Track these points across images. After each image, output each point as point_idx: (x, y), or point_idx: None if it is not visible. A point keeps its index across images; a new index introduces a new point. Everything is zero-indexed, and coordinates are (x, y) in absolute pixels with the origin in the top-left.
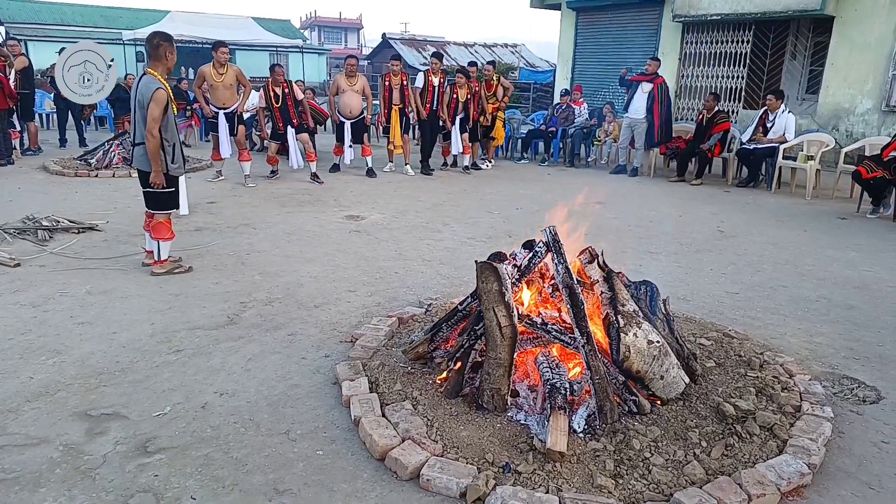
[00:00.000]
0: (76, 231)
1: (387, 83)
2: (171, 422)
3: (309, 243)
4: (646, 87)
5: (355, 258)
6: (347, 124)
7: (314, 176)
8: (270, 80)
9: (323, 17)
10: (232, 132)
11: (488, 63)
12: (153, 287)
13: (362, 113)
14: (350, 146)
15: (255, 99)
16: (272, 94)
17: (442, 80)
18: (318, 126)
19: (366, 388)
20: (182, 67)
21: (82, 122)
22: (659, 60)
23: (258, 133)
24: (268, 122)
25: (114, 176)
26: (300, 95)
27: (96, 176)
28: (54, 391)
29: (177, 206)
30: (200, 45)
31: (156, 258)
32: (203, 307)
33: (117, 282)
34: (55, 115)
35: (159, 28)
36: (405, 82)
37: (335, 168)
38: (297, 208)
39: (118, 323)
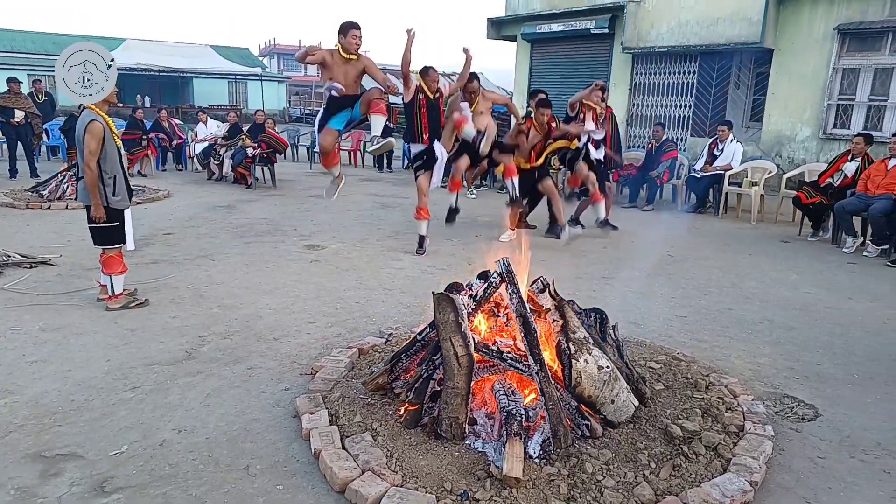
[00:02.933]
0: (28, 266)
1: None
2: (128, 460)
3: (268, 274)
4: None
5: (315, 288)
6: (444, 155)
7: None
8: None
9: (282, 44)
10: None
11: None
12: (108, 322)
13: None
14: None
15: (213, 127)
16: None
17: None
18: (276, 155)
19: (326, 421)
20: (139, 96)
21: (33, 151)
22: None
23: (216, 162)
24: (227, 150)
25: (67, 207)
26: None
27: (49, 208)
28: (5, 433)
29: (122, 241)
30: (157, 74)
31: (109, 293)
32: (160, 342)
33: (71, 318)
34: (5, 145)
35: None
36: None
37: (452, 214)
38: (255, 238)
39: (73, 360)
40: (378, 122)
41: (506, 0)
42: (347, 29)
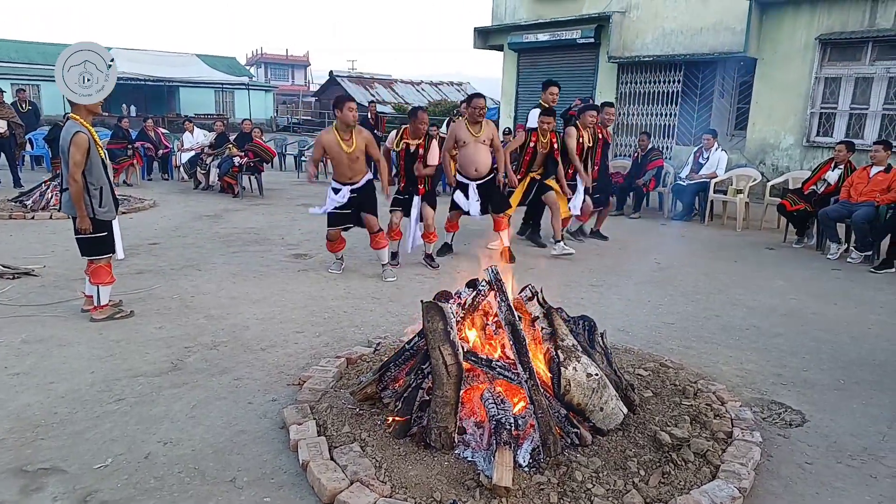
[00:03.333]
0: (11, 276)
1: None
2: (112, 474)
3: (255, 284)
4: None
5: (303, 298)
6: (472, 186)
7: (428, 258)
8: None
9: (269, 53)
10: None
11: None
12: (93, 334)
13: (493, 171)
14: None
15: (200, 136)
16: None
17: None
18: (264, 164)
19: (314, 432)
20: (124, 105)
21: (16, 162)
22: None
23: (203, 171)
24: (214, 160)
25: (51, 218)
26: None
27: (32, 218)
28: None
29: (111, 252)
30: (143, 83)
31: (95, 303)
32: (146, 353)
33: (55, 329)
34: None
35: None
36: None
37: (446, 249)
38: (242, 248)
39: (56, 372)
40: (382, 255)
41: (492, 10)
42: (342, 102)
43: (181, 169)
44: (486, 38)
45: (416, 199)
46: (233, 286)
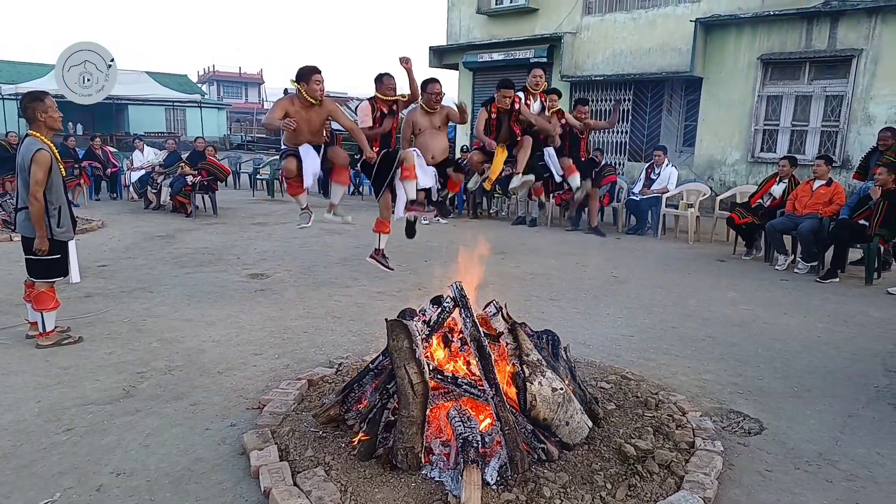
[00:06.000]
0: None
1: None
2: None
3: (211, 305)
4: None
5: (261, 319)
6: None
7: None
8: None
9: (222, 71)
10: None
11: None
12: (39, 361)
13: (449, 156)
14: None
15: (150, 155)
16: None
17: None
18: (218, 183)
19: (276, 457)
20: (70, 123)
21: None
22: None
23: (154, 191)
24: (165, 178)
25: None
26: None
27: None
28: None
29: (63, 274)
30: None
31: (40, 330)
32: (96, 380)
33: None
34: None
35: (43, 83)
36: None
37: (412, 231)
38: (197, 268)
39: None
40: (338, 191)
41: (447, 29)
42: (309, 74)
43: (131, 188)
44: (441, 57)
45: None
46: (187, 308)
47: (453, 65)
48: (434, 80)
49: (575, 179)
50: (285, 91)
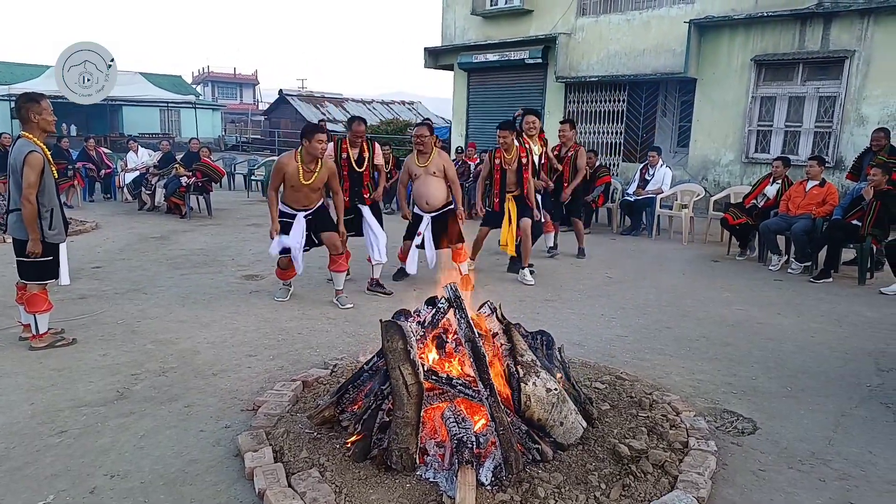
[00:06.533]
0: None
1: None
2: None
3: (205, 306)
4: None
5: (256, 320)
6: (427, 218)
7: (377, 284)
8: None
9: (216, 72)
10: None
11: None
12: (32, 363)
13: (447, 205)
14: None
15: (144, 156)
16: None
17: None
18: (212, 184)
19: (270, 458)
20: (64, 125)
21: None
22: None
23: (148, 192)
24: (159, 180)
25: None
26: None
27: None
28: None
29: (55, 277)
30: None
31: (34, 332)
32: (89, 382)
33: None
34: None
35: (38, 84)
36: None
37: (401, 274)
38: (191, 270)
39: None
40: (339, 279)
41: (442, 30)
42: (312, 132)
43: (125, 190)
44: (436, 58)
45: (426, 219)
46: (181, 310)
47: (448, 66)
48: (421, 124)
49: (550, 239)
50: (280, 92)
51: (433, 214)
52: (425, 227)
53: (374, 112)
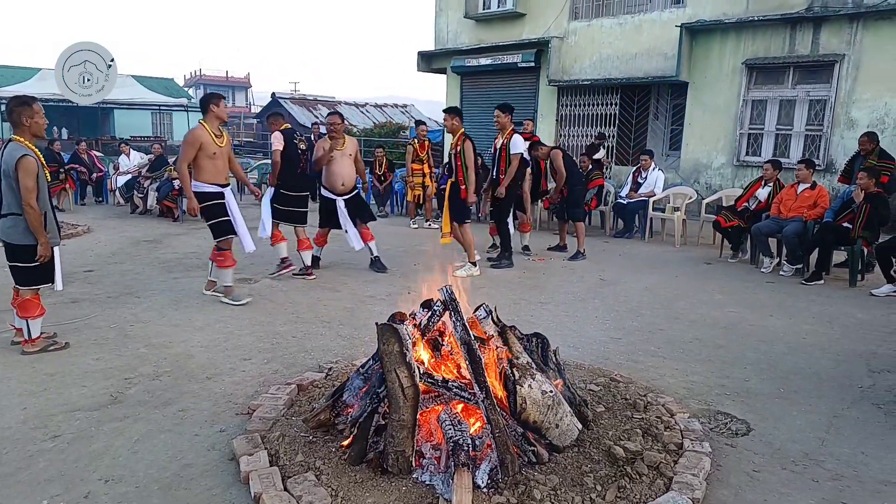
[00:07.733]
0: None
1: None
2: None
3: (199, 310)
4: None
5: (249, 323)
6: (340, 202)
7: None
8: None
9: (209, 75)
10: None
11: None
12: (24, 367)
13: (356, 186)
14: (347, 231)
15: (136, 159)
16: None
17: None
18: None
19: (265, 462)
20: (55, 128)
21: None
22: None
23: (140, 195)
24: (152, 183)
25: None
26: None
27: None
28: None
29: (49, 281)
30: (75, 104)
31: (26, 337)
32: (83, 386)
33: None
34: None
35: (29, 86)
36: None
37: (316, 261)
38: (184, 273)
39: None
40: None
41: (435, 34)
42: (217, 97)
43: (117, 193)
44: (429, 61)
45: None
46: (175, 313)
47: (441, 69)
48: (332, 113)
49: (525, 238)
50: (273, 95)
51: (345, 198)
52: (342, 215)
53: (367, 115)
